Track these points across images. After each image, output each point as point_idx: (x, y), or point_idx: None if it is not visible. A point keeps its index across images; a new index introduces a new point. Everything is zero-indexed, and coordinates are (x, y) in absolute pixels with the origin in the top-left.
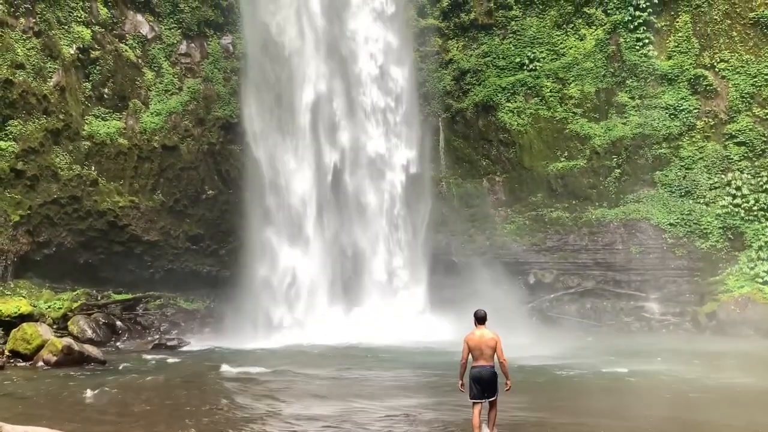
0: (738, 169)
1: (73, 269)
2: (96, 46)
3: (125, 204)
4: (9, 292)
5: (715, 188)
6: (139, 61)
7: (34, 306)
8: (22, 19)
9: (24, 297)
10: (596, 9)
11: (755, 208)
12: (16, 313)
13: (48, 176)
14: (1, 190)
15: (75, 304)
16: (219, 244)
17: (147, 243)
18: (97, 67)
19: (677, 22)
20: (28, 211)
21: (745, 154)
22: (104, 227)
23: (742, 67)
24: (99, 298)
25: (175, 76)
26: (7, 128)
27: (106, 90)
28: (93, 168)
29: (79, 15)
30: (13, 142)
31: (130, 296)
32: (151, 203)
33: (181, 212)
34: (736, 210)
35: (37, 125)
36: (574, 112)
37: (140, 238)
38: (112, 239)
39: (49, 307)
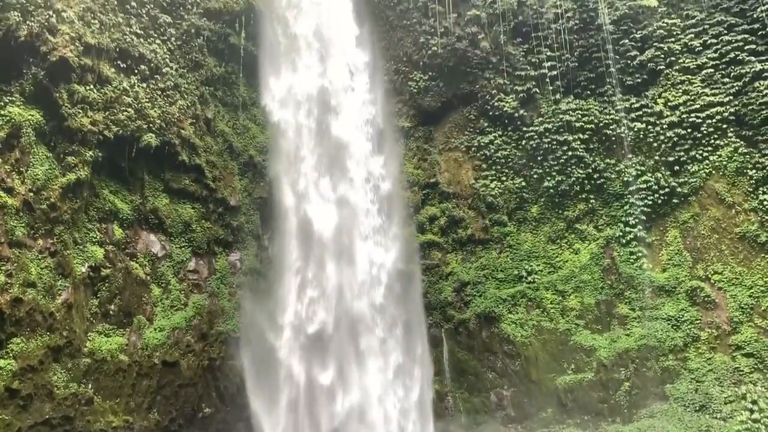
0: (751, 382)
1: None
2: (107, 264)
3: (119, 424)
4: None
5: (730, 402)
6: (148, 278)
7: None
8: (40, 241)
9: None
10: (587, 225)
11: None
12: None
13: (43, 395)
14: None
15: None
16: None
17: None
18: (106, 284)
19: (667, 236)
20: None
21: (756, 366)
22: None
23: (736, 279)
24: None
25: (182, 292)
26: (9, 346)
27: (112, 306)
28: (90, 386)
29: (94, 236)
30: (13, 361)
31: None
32: (145, 423)
33: None
34: (756, 426)
35: (39, 342)
36: (576, 324)
37: None
38: None
39: None
